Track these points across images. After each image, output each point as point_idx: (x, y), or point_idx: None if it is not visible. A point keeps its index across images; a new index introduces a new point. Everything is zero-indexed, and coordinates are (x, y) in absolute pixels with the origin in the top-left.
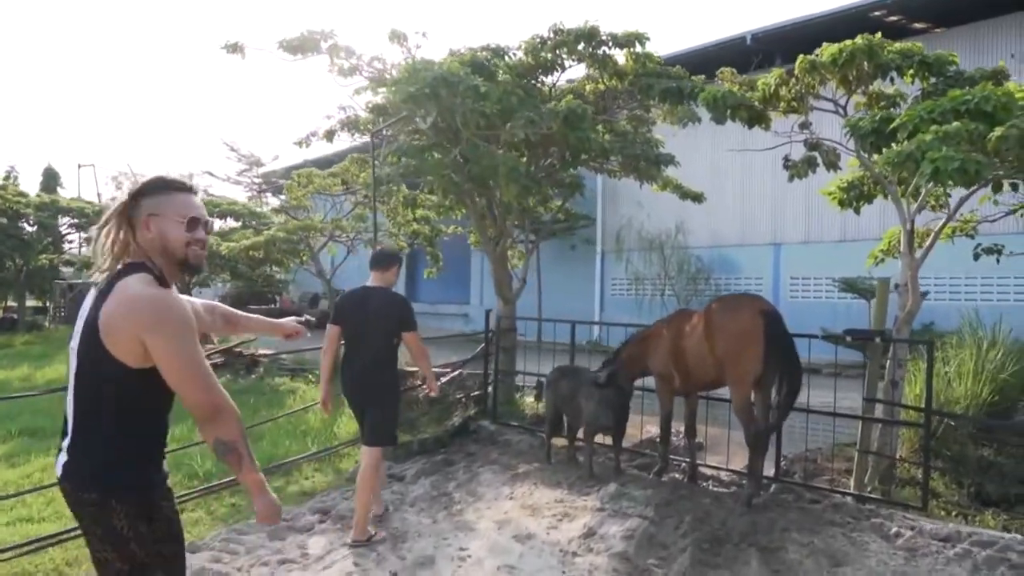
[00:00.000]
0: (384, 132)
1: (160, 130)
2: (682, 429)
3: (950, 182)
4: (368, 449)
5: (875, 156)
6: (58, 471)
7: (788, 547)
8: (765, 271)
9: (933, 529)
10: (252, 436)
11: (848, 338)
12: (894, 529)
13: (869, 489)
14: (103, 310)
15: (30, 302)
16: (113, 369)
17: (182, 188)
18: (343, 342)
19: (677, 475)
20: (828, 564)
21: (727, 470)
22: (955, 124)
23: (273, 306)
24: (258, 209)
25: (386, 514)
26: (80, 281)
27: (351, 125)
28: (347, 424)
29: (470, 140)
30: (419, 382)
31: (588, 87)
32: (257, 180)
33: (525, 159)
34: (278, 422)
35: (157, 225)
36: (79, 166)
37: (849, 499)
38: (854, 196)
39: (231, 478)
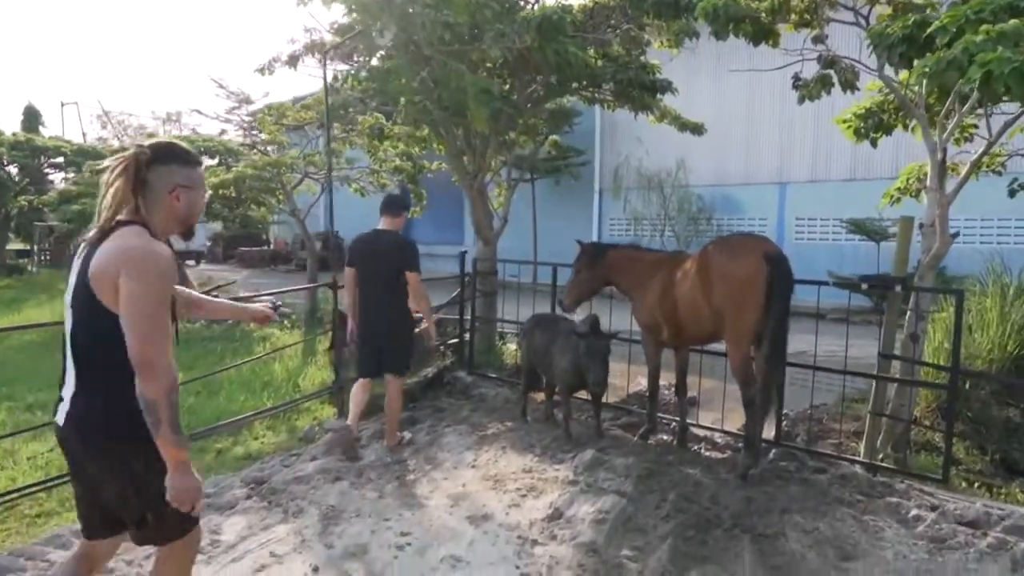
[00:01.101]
0: (355, 57)
1: (146, 67)
2: (673, 383)
3: (1004, 95)
4: (392, 378)
5: (902, 75)
6: (60, 420)
7: (788, 533)
8: (770, 211)
9: (958, 510)
10: (209, 388)
11: (863, 286)
12: (913, 511)
13: (881, 456)
14: (94, 262)
15: (16, 245)
16: (104, 318)
17: (200, 162)
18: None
19: (666, 436)
20: (836, 557)
21: (721, 431)
22: (1012, 22)
23: (266, 248)
24: (233, 146)
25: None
26: (56, 223)
27: (316, 48)
28: (313, 375)
29: (438, 60)
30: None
31: (576, 4)
32: (247, 118)
33: (507, 85)
34: (241, 371)
35: (187, 197)
36: (62, 104)
37: (859, 468)
38: (871, 125)
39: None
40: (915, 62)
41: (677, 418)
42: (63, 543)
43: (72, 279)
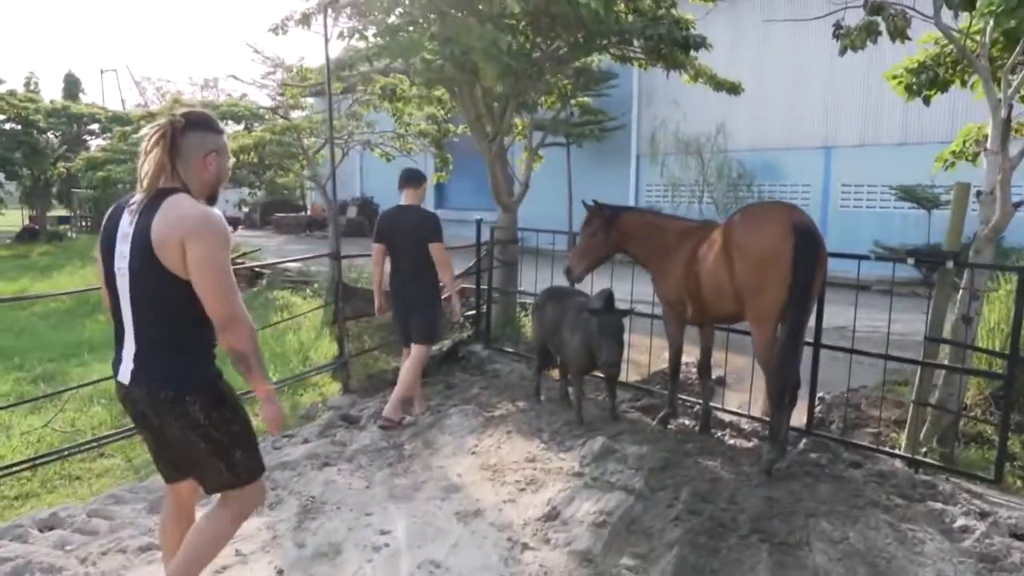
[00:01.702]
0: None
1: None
2: (697, 361)
3: None
4: (415, 346)
5: (962, 23)
6: (125, 379)
7: (813, 543)
8: (814, 177)
9: (1012, 520)
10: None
11: (910, 260)
12: (959, 520)
13: (925, 450)
14: (155, 226)
15: (59, 211)
16: (168, 281)
17: (222, 130)
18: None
19: (687, 421)
20: (866, 575)
21: (748, 416)
22: None
23: (302, 214)
24: (255, 109)
25: (403, 421)
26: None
27: (331, 4)
28: (325, 348)
29: (452, 16)
30: None
31: None
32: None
33: (527, 42)
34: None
35: (217, 162)
36: (101, 72)
37: (899, 463)
38: (925, 81)
39: None
40: (978, 2)
41: (700, 401)
42: (20, 535)
43: (121, 244)
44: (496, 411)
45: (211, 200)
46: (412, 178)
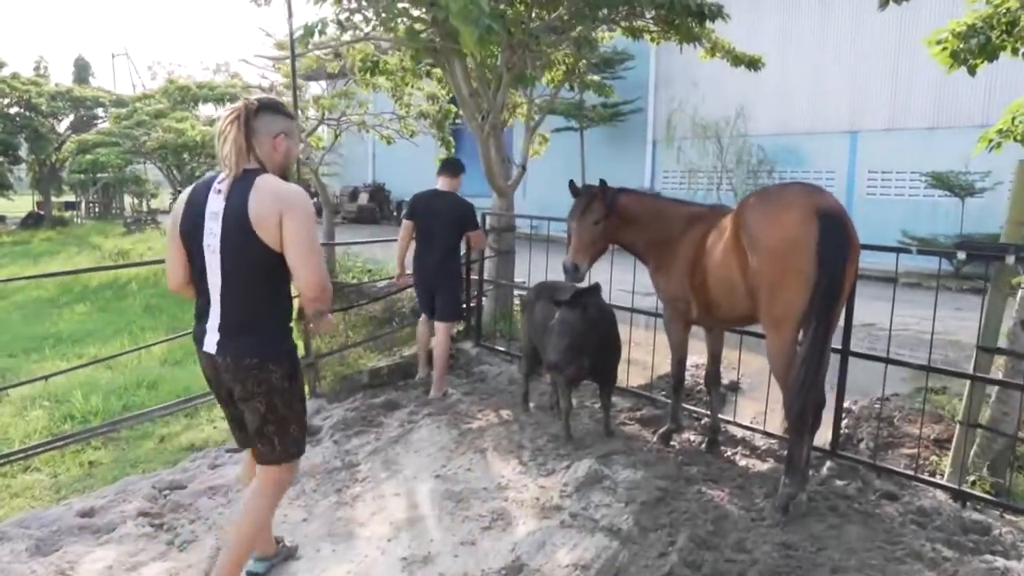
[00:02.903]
0: None
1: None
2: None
3: None
4: (440, 324)
5: None
6: (211, 349)
7: None
8: (839, 163)
9: None
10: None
11: (960, 254)
12: None
13: (973, 480)
14: (251, 203)
15: (65, 197)
16: (262, 256)
17: (292, 115)
18: (415, 237)
19: (692, 436)
20: None
21: (763, 433)
22: None
23: (312, 199)
24: (236, 89)
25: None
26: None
27: None
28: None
29: None
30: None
31: None
32: (304, 70)
33: (525, 10)
34: None
35: (286, 144)
36: (113, 56)
37: (943, 495)
38: (975, 47)
39: (111, 422)
40: None
41: (707, 413)
42: None
43: (213, 223)
44: (474, 422)
45: (284, 179)
46: (449, 166)
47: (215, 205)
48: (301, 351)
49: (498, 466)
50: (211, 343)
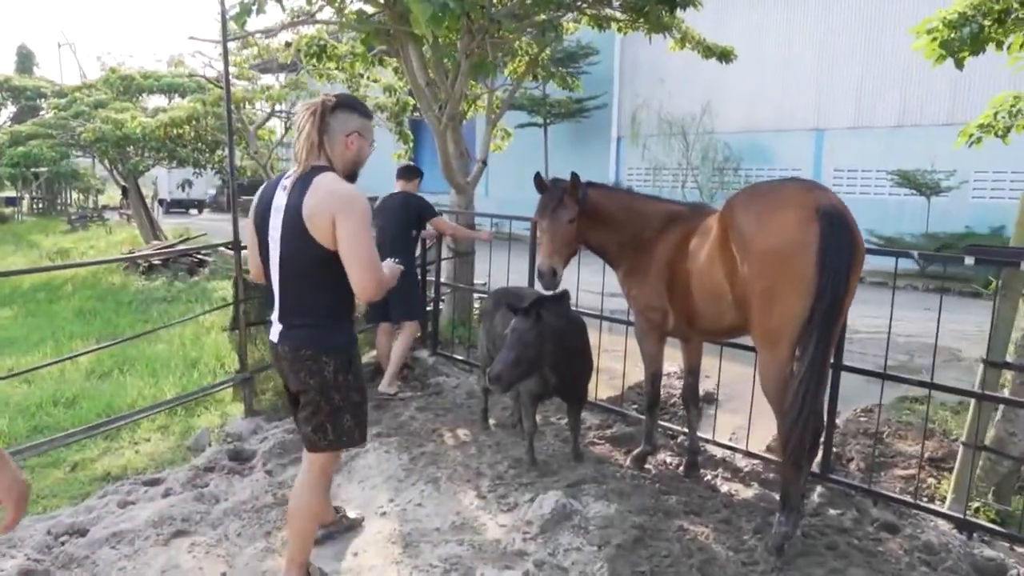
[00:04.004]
0: None
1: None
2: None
3: None
4: (406, 324)
5: None
6: (274, 338)
7: None
8: (804, 161)
9: None
10: (125, 364)
11: (967, 259)
12: None
13: (978, 507)
14: (306, 202)
15: (7, 192)
16: (316, 251)
17: (371, 115)
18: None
19: (669, 456)
20: None
21: (745, 453)
22: None
23: None
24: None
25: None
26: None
27: None
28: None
29: None
30: None
31: None
32: (255, 61)
33: None
34: (171, 345)
35: (358, 143)
36: (59, 45)
37: (944, 524)
38: (968, 36)
39: (15, 451)
40: None
41: (683, 430)
42: None
43: (276, 218)
44: (428, 445)
45: (351, 178)
46: (405, 171)
47: (279, 200)
48: (236, 364)
49: (453, 500)
50: (275, 332)
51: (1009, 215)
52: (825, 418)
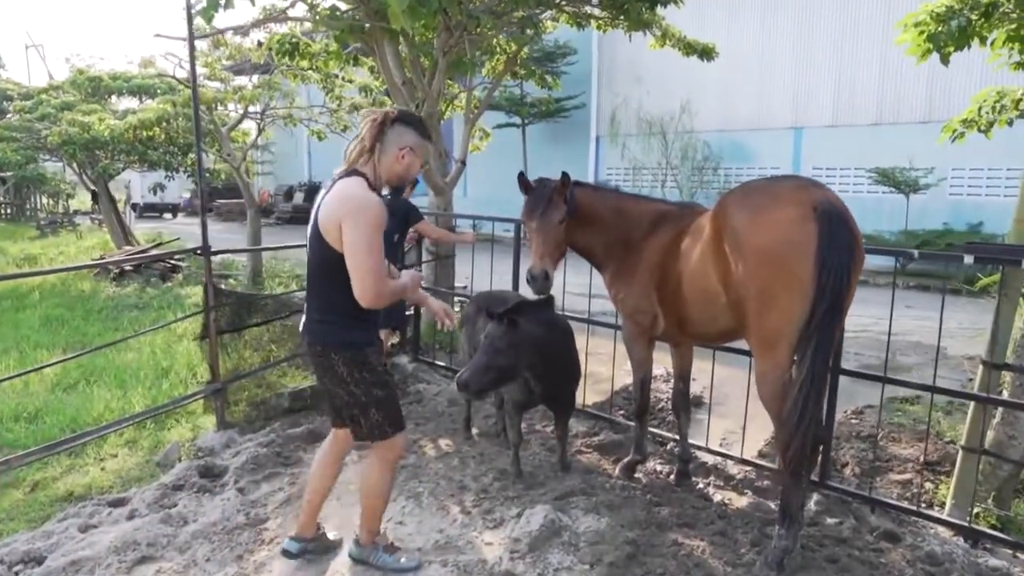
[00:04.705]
0: None
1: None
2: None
3: None
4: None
5: None
6: (300, 329)
7: None
8: (783, 160)
9: None
10: (91, 375)
11: (967, 258)
12: None
13: (978, 512)
14: (324, 204)
15: None
16: (329, 253)
17: (431, 139)
18: None
19: (660, 464)
20: None
21: (738, 460)
22: None
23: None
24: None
25: None
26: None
27: None
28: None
29: None
30: None
31: None
32: (228, 62)
33: None
34: (141, 354)
35: (409, 159)
36: (27, 47)
37: (945, 531)
38: (955, 29)
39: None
40: None
41: (673, 436)
42: None
43: (312, 217)
44: (408, 457)
45: (398, 191)
46: None
47: (318, 201)
48: (208, 375)
49: (436, 516)
50: (302, 323)
51: (986, 212)
52: (823, 424)
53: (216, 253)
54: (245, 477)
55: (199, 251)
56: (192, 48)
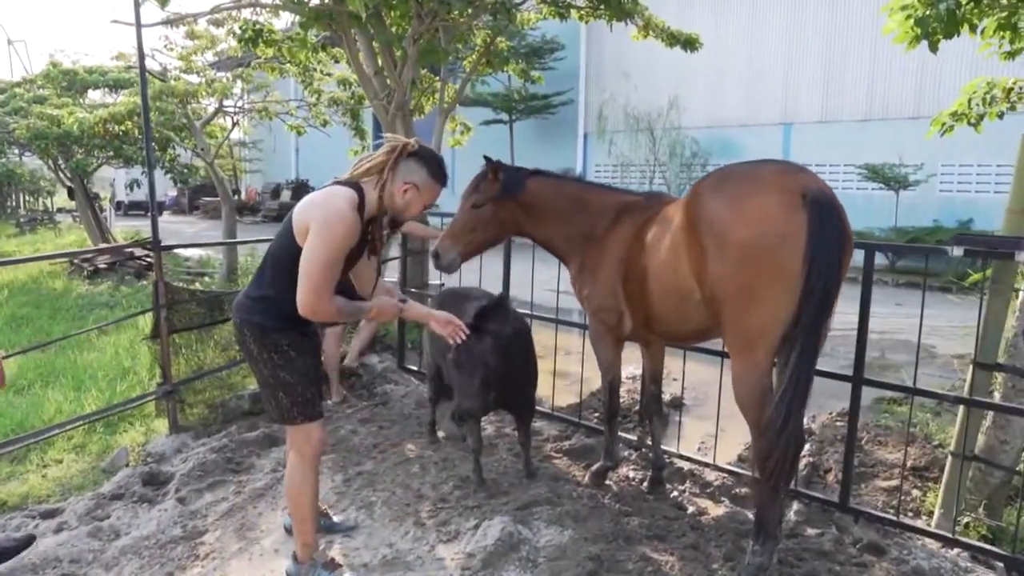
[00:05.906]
0: None
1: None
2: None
3: None
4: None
5: None
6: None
7: None
8: (772, 156)
9: None
10: (49, 374)
11: (953, 250)
12: None
13: (967, 521)
14: (306, 199)
15: None
16: (290, 245)
17: (444, 183)
18: None
19: (632, 470)
20: None
21: (713, 467)
22: None
23: (236, 198)
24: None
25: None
26: None
27: None
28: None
29: None
30: None
31: None
32: (214, 59)
33: None
34: (104, 354)
35: (411, 195)
36: (8, 43)
37: (933, 543)
38: (944, 14)
39: None
40: None
41: (648, 442)
42: None
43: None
44: (366, 463)
45: (394, 225)
46: None
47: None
48: (158, 378)
49: (388, 528)
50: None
51: (976, 208)
52: (804, 429)
53: (166, 248)
54: (189, 485)
55: (149, 246)
56: (140, 34)
